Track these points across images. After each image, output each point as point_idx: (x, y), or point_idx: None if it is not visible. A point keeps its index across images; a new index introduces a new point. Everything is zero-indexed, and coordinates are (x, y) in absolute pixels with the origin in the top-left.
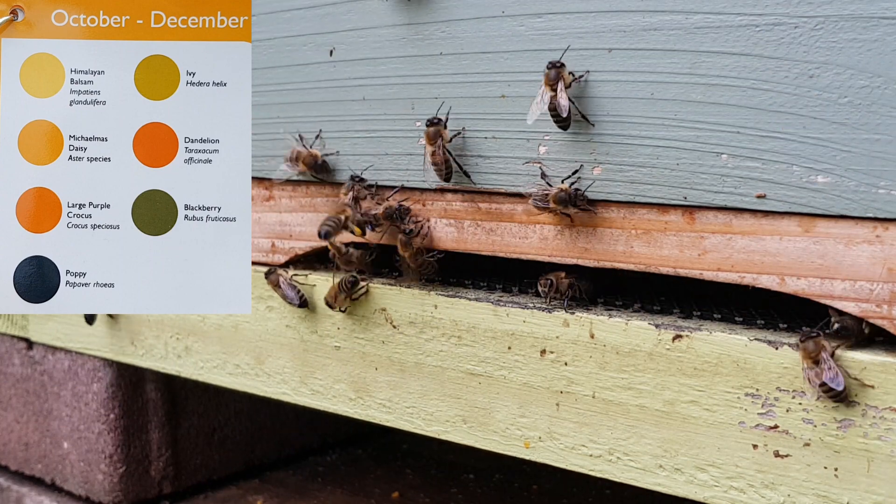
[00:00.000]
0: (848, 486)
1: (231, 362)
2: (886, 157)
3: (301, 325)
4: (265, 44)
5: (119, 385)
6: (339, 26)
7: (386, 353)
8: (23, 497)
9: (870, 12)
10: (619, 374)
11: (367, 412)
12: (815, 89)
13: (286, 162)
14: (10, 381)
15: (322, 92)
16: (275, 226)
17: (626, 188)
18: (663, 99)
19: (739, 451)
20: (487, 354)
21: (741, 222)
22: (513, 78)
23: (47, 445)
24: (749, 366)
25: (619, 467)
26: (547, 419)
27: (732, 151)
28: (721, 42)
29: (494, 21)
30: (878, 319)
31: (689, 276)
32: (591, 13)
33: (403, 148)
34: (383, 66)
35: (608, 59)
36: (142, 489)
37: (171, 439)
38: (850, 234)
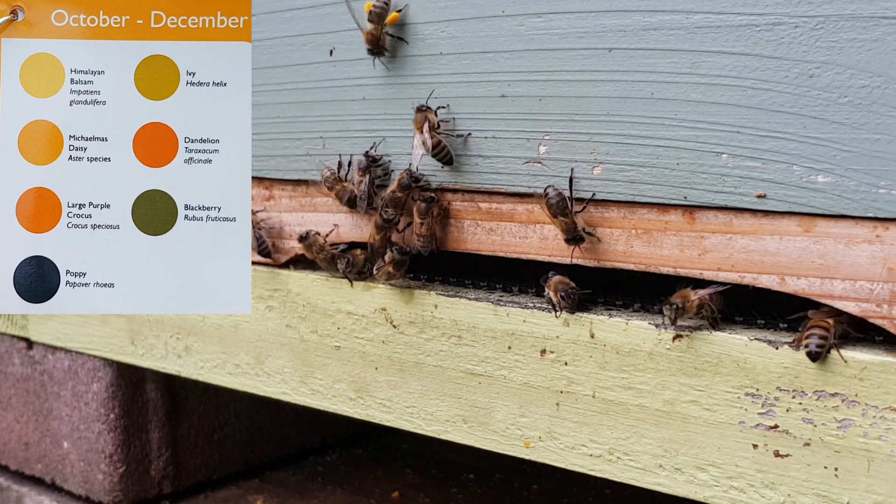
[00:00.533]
0: (848, 486)
1: (231, 362)
2: (886, 156)
3: (301, 325)
4: (265, 43)
5: (119, 385)
6: (339, 26)
7: (386, 352)
8: (23, 497)
9: (870, 12)
10: (620, 373)
11: (367, 412)
12: (815, 89)
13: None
14: (10, 380)
15: (322, 92)
16: (275, 225)
17: (626, 188)
18: (663, 98)
19: (739, 451)
20: (487, 354)
21: (741, 222)
22: (513, 78)
23: (47, 445)
24: (749, 365)
25: (619, 467)
26: (547, 419)
27: (732, 151)
28: (721, 42)
29: (495, 21)
30: (878, 319)
31: (690, 276)
32: (592, 13)
33: (403, 148)
34: (383, 66)
35: (608, 59)
36: (142, 489)
37: (171, 439)
38: (851, 233)
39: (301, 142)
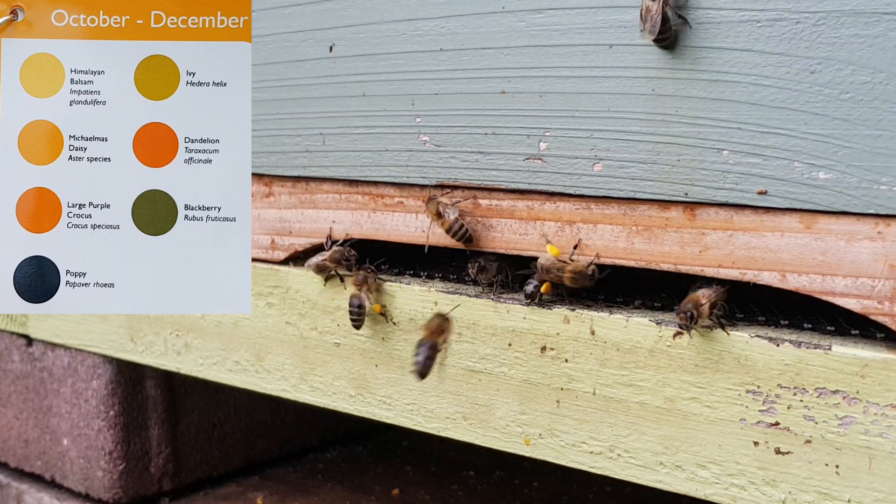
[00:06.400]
0: (849, 484)
1: (231, 359)
2: (888, 153)
3: (301, 322)
4: (265, 40)
5: (119, 382)
6: (338, 22)
7: (386, 349)
8: (22, 494)
9: (872, 8)
10: (620, 370)
11: (367, 409)
12: (816, 85)
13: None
14: (9, 377)
15: (322, 88)
16: (274, 222)
17: (626, 184)
18: (664, 95)
19: (740, 449)
20: (487, 351)
21: (742, 219)
22: (513, 74)
23: (47, 442)
24: (750, 363)
25: (620, 464)
26: (547, 416)
27: (733, 147)
28: (722, 38)
29: (495, 17)
30: (879, 316)
31: (690, 273)
32: (592, 8)
33: (403, 144)
34: (383, 62)
35: (609, 55)
36: (141, 486)
37: (171, 436)
38: (852, 230)
39: (301, 138)
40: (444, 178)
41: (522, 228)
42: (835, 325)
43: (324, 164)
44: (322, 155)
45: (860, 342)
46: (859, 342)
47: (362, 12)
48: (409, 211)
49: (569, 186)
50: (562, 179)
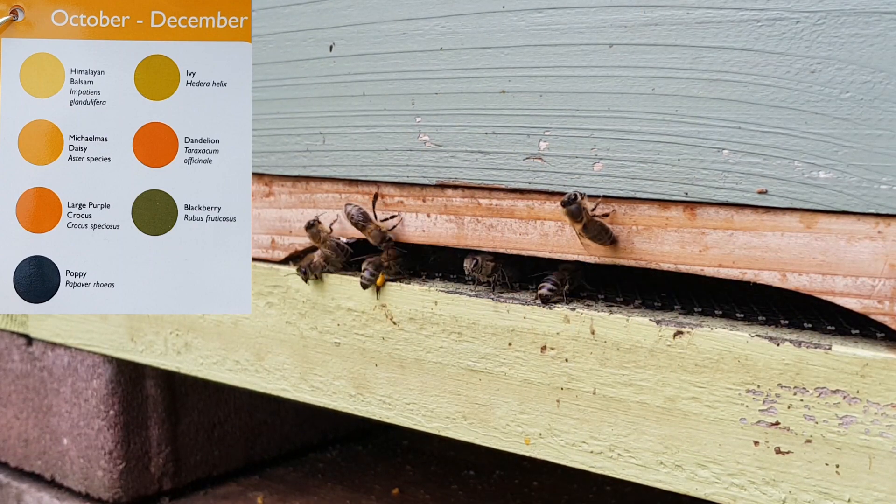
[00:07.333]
0: (849, 483)
1: (231, 358)
2: (888, 152)
3: (301, 322)
4: (265, 39)
5: (119, 381)
6: (338, 21)
7: (386, 349)
8: (22, 493)
9: (872, 7)
10: (620, 370)
11: (367, 408)
12: (816, 84)
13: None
14: (9, 377)
15: (322, 87)
16: (274, 221)
17: (626, 184)
18: (664, 94)
19: (740, 448)
20: (488, 351)
21: (742, 218)
22: (513, 73)
23: (47, 442)
24: (750, 362)
25: (620, 464)
26: (547, 416)
27: (734, 147)
28: (722, 37)
29: (494, 16)
30: (879, 316)
31: (691, 273)
32: (592, 8)
33: (404, 143)
34: (383, 62)
35: (609, 55)
36: (142, 485)
37: (171, 436)
38: (852, 229)
39: (301, 137)
40: (444, 177)
41: (523, 228)
42: (835, 325)
43: (324, 164)
44: (322, 154)
45: (860, 342)
46: (860, 342)
47: (362, 11)
48: (408, 210)
49: (569, 186)
50: (562, 179)
